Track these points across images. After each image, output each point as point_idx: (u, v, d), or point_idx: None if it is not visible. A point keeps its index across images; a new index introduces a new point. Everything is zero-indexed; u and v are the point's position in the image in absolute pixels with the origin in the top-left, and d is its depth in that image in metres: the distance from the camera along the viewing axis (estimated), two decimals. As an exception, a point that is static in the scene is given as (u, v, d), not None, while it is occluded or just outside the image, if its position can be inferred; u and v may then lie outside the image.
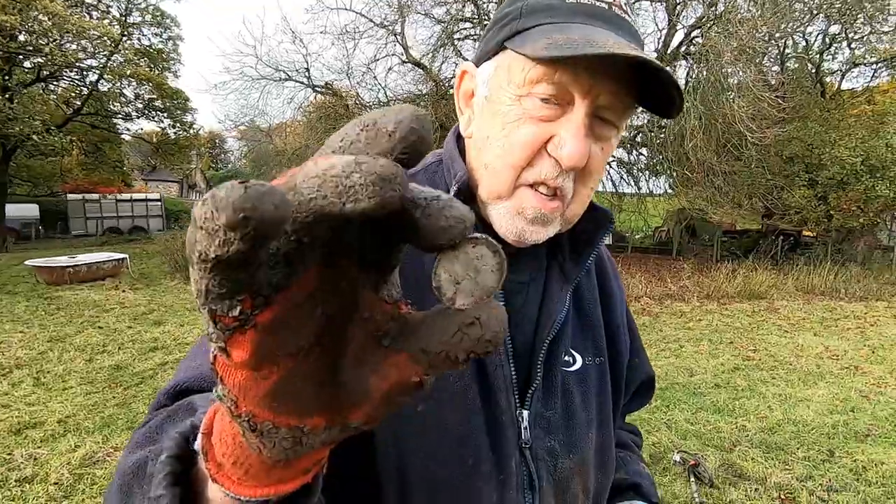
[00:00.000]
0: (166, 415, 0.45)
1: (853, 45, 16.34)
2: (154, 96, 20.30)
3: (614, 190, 14.02)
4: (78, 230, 19.28)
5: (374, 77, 12.43)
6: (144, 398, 3.99)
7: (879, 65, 16.84)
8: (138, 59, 18.92)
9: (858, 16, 14.30)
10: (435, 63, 12.32)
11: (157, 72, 20.12)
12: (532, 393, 0.60)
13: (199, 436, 0.28)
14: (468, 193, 0.57)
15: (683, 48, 11.66)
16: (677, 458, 2.84)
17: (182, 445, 0.30)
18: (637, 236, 20.46)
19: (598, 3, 0.52)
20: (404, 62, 12.53)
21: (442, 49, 12.04)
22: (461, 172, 0.57)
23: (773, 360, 5.52)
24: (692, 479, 2.69)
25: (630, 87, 0.51)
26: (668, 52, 11.93)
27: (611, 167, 13.62)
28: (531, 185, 0.53)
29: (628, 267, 11.89)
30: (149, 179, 36.03)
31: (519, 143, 0.51)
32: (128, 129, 21.78)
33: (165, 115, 20.97)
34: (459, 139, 0.64)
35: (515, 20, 0.53)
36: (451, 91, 12.59)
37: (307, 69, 12.70)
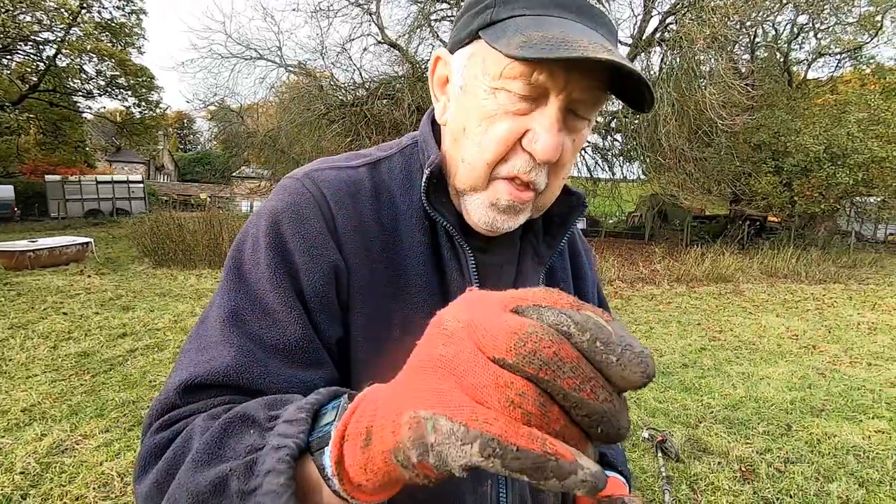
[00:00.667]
0: (221, 427, 0.41)
1: (819, 36, 16.79)
2: (117, 73, 19.43)
3: (589, 175, 14.19)
4: (57, 212, 18.37)
5: (349, 57, 12.18)
6: (114, 385, 3.89)
7: (843, 55, 17.37)
8: (99, 34, 18.02)
9: (825, 6, 14.66)
10: (411, 44, 12.14)
11: (119, 47, 19.22)
12: None
13: (331, 465, 0.34)
14: (440, 176, 0.58)
15: (658, 34, 11.76)
16: (646, 434, 2.95)
17: (290, 471, 0.35)
18: (611, 221, 20.82)
19: None
20: (380, 43, 12.30)
21: (418, 30, 11.85)
22: (434, 155, 0.58)
23: (738, 340, 5.75)
24: (659, 454, 2.80)
25: (603, 82, 0.52)
26: (643, 38, 12.02)
27: (586, 153, 13.75)
28: (506, 178, 0.54)
29: (602, 251, 12.12)
30: (113, 161, 34.62)
31: (495, 139, 0.52)
32: (89, 108, 20.86)
33: (130, 93, 20.12)
34: (435, 122, 0.64)
35: (490, 8, 0.52)
36: (428, 73, 12.44)
37: (279, 48, 12.41)
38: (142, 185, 21.47)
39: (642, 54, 11.88)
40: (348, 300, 0.56)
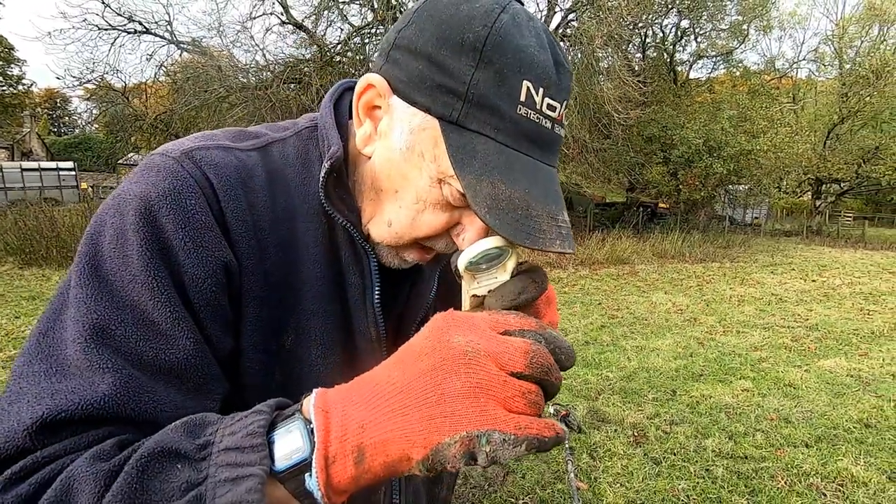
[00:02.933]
0: (136, 468, 0.35)
1: (699, 40, 18.65)
2: (-37, 41, 16.55)
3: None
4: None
5: (251, 37, 11.43)
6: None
7: (718, 58, 19.46)
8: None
9: (703, 13, 16.29)
10: (319, 26, 11.63)
11: (-35, 11, 16.35)
12: None
13: (319, 489, 0.36)
14: (340, 170, 0.53)
15: (561, 30, 12.34)
16: (551, 409, 3.13)
17: (263, 499, 0.35)
18: (522, 209, 21.65)
19: (543, 124, 0.48)
20: (284, 23, 11.64)
21: (326, 12, 11.38)
22: (335, 147, 0.52)
23: (633, 316, 6.28)
24: (565, 426, 2.99)
25: None
26: (548, 32, 12.55)
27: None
28: (422, 247, 0.55)
29: (514, 238, 12.59)
30: (-36, 144, 29.60)
31: (430, 226, 0.51)
32: (-73, 82, 17.58)
33: (-18, 65, 17.26)
34: (338, 107, 0.58)
35: (460, 100, 0.46)
36: (337, 57, 12.05)
37: (169, 22, 11.26)
38: (73, 174, 19.19)
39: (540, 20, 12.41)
40: (240, 306, 0.49)
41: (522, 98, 0.46)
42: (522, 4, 0.51)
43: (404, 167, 0.50)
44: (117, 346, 0.42)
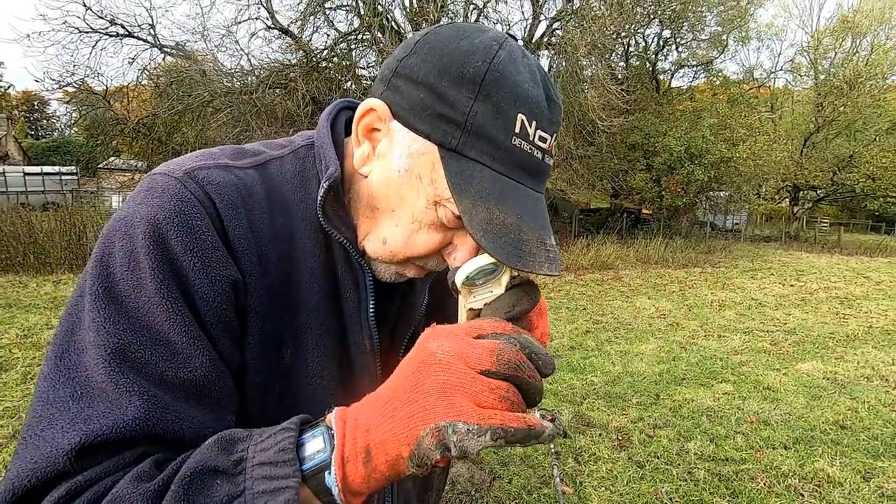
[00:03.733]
0: (182, 487, 0.38)
1: (680, 49, 19.03)
2: (-62, 42, 16.15)
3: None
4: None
5: (236, 42, 11.36)
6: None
7: (699, 68, 19.88)
8: None
9: (684, 24, 16.65)
10: (305, 32, 11.60)
11: (-60, 11, 15.96)
12: None
13: (337, 486, 0.40)
14: (337, 189, 0.55)
15: (546, 39, 12.51)
16: (537, 415, 3.16)
17: None
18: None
19: (535, 154, 0.51)
20: (270, 28, 11.59)
21: (312, 18, 11.37)
22: (333, 167, 0.54)
23: (617, 321, 6.37)
24: (548, 423, 3.03)
25: None
26: (533, 41, 12.71)
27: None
28: (415, 264, 0.58)
29: (500, 244, 12.65)
30: (-63, 147, 28.76)
31: (425, 246, 0.54)
32: None
33: (-43, 67, 16.83)
34: (335, 125, 0.60)
35: (459, 129, 0.49)
36: (324, 62, 12.02)
37: (152, 25, 11.13)
38: (76, 178, 19.25)
39: (533, 56, 12.56)
40: (244, 321, 0.51)
41: (517, 130, 0.49)
42: (517, 40, 0.54)
43: (402, 188, 0.53)
44: (139, 368, 0.43)
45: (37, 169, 19.01)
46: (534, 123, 0.50)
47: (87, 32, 10.82)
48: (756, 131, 17.56)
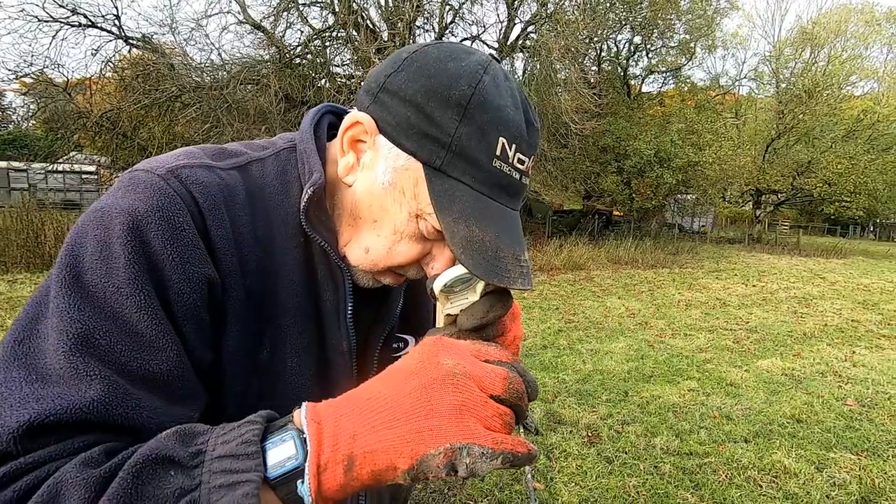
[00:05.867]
0: (131, 474, 0.36)
1: (650, 55, 19.53)
2: None
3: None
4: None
5: (206, 35, 11.08)
6: None
7: (668, 74, 20.44)
8: None
9: (654, 31, 17.10)
10: (278, 27, 11.41)
11: None
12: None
13: (310, 495, 0.39)
14: (320, 195, 0.56)
15: (520, 41, 12.64)
16: (522, 432, 3.22)
17: None
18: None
19: (513, 176, 0.53)
20: (241, 22, 11.34)
21: (285, 14, 11.19)
22: (317, 174, 0.55)
23: (588, 321, 6.49)
24: (521, 430, 3.04)
25: None
26: (508, 43, 12.83)
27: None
28: (394, 273, 0.59)
29: (474, 244, 12.72)
30: None
31: (405, 256, 0.56)
32: None
33: None
34: (318, 129, 0.60)
35: (443, 149, 0.51)
36: (297, 59, 11.85)
37: (117, 16, 10.72)
38: (96, 177, 18.71)
39: (507, 59, 12.67)
40: (222, 321, 0.51)
41: (498, 153, 0.51)
42: (500, 62, 0.57)
43: (385, 200, 0.54)
44: (102, 355, 0.42)
45: (59, 167, 18.77)
46: (514, 147, 0.52)
47: (47, 21, 10.35)
48: (721, 137, 18.19)
